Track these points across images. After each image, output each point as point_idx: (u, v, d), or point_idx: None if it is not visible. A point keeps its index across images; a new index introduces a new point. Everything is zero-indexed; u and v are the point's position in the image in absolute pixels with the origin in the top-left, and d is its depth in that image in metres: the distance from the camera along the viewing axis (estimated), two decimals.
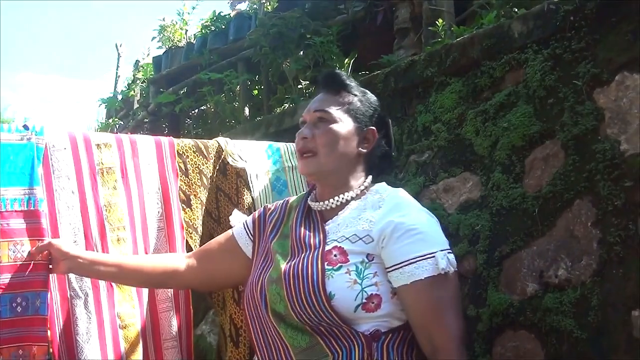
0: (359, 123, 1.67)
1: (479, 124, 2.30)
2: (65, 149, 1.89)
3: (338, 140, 1.63)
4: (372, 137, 1.70)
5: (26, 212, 1.76)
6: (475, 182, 2.28)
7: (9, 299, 1.71)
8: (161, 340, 2.06)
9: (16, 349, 1.70)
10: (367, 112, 1.70)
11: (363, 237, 1.54)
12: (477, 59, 2.39)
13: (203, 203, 2.17)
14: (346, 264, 1.50)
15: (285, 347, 1.52)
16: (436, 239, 1.53)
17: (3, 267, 1.71)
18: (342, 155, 1.64)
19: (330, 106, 1.66)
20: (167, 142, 2.12)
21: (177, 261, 1.89)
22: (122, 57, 10.00)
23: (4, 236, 1.73)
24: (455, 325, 1.49)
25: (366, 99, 1.73)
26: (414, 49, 3.52)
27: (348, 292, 1.46)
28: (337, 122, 1.65)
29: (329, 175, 1.66)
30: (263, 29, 4.16)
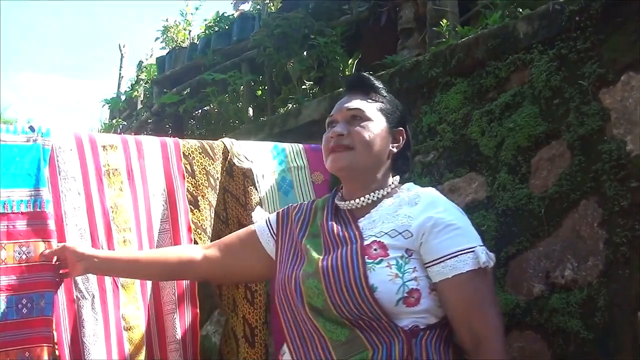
0: (390, 123, 1.71)
1: (485, 124, 2.30)
2: (71, 150, 1.89)
3: (375, 138, 1.66)
4: (401, 138, 1.74)
5: (32, 213, 1.76)
6: (481, 183, 2.28)
7: (15, 301, 1.71)
8: (166, 343, 2.06)
9: (22, 351, 1.70)
10: (395, 113, 1.74)
11: (402, 232, 1.55)
12: (482, 59, 2.38)
13: (211, 204, 2.17)
14: (386, 258, 1.52)
15: (323, 340, 1.52)
16: (473, 234, 1.57)
17: (9, 268, 1.72)
18: (377, 153, 1.67)
19: (363, 106, 1.69)
20: (172, 143, 2.12)
21: (193, 252, 1.89)
22: (125, 58, 10.04)
23: (10, 238, 1.73)
24: (497, 318, 1.53)
25: (393, 101, 1.78)
26: (418, 50, 3.51)
27: (390, 285, 1.48)
28: (372, 120, 1.68)
29: (362, 172, 1.68)
30: (267, 29, 4.16)
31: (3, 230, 1.72)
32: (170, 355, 2.03)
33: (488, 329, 1.50)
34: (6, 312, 1.69)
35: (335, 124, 1.72)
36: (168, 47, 6.46)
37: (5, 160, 1.76)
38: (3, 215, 1.73)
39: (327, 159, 1.71)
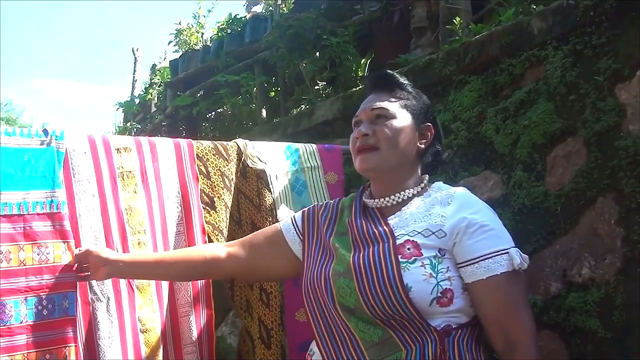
0: (416, 119, 1.69)
1: (499, 122, 2.28)
2: (85, 153, 1.89)
3: (399, 135, 1.64)
4: (429, 134, 1.71)
5: (49, 214, 1.77)
6: (497, 181, 2.26)
7: (35, 302, 1.70)
8: (181, 345, 2.05)
9: (43, 354, 1.69)
10: (422, 109, 1.72)
11: (436, 232, 1.53)
12: (496, 57, 2.37)
13: (227, 205, 2.17)
14: (420, 258, 1.50)
15: (355, 341, 1.51)
16: (507, 236, 1.55)
17: (29, 269, 1.71)
18: (404, 151, 1.65)
19: (389, 104, 1.67)
20: (186, 144, 2.12)
21: (217, 250, 1.88)
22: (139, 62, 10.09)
23: (28, 239, 1.73)
24: (530, 320, 1.51)
25: (419, 96, 1.75)
26: (431, 48, 3.49)
27: (424, 285, 1.46)
28: (397, 118, 1.65)
29: (390, 170, 1.66)
30: (279, 30, 4.16)
31: (20, 231, 1.72)
32: (186, 357, 2.03)
33: (522, 332, 1.49)
34: (26, 314, 1.69)
35: (360, 124, 1.71)
36: (181, 50, 6.48)
37: (20, 163, 1.76)
38: (19, 217, 1.73)
39: (355, 160, 1.71)
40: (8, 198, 1.73)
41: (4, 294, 1.67)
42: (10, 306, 1.68)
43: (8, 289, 1.68)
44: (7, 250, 1.70)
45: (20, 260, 1.71)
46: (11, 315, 1.67)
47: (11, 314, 1.67)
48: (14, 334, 1.66)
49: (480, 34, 2.54)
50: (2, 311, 1.66)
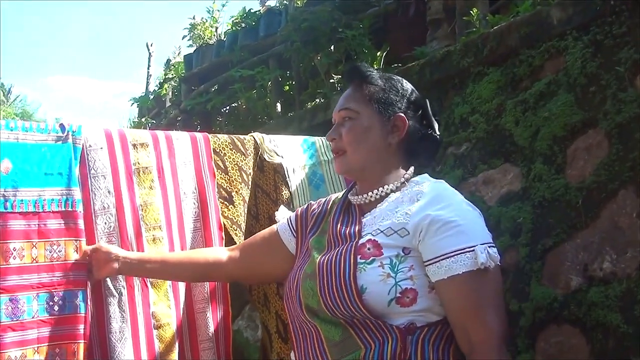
0: (384, 113, 1.60)
1: (519, 114, 2.25)
2: (101, 148, 1.89)
3: (362, 135, 1.59)
4: (401, 124, 1.60)
5: (64, 212, 1.77)
6: (516, 174, 2.23)
7: (46, 298, 1.72)
8: (198, 341, 2.05)
9: (53, 348, 1.70)
10: (393, 99, 1.62)
11: (398, 230, 1.48)
12: (515, 48, 2.34)
13: (245, 200, 2.16)
14: (379, 257, 1.45)
15: (320, 340, 1.50)
16: (476, 232, 1.45)
17: (41, 266, 1.72)
18: (370, 150, 1.59)
19: (352, 102, 1.62)
20: (202, 139, 2.11)
21: (219, 253, 1.90)
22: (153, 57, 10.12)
23: (41, 236, 1.73)
24: (495, 322, 1.42)
25: (391, 86, 1.64)
26: (448, 40, 3.45)
27: (381, 286, 1.42)
28: (360, 117, 1.60)
29: (362, 171, 1.62)
30: (294, 24, 4.13)
31: (34, 228, 1.73)
32: (203, 354, 2.03)
33: (483, 335, 1.41)
34: (37, 310, 1.70)
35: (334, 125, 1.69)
36: (195, 45, 6.47)
37: (36, 160, 1.76)
38: (34, 214, 1.73)
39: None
40: (24, 195, 1.73)
41: (17, 290, 1.68)
42: (23, 301, 1.69)
43: (21, 285, 1.69)
44: (21, 247, 1.71)
45: (33, 257, 1.72)
46: (24, 310, 1.69)
47: (24, 309, 1.69)
48: (25, 328, 1.68)
49: (498, 25, 2.51)
50: (16, 306, 1.68)
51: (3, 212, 1.70)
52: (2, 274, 1.67)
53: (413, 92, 1.66)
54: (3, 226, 1.69)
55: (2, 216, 1.69)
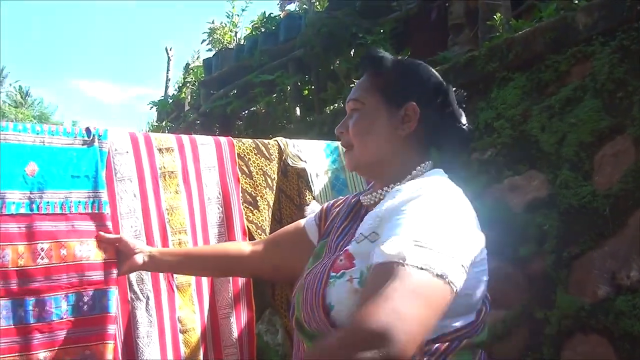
0: (393, 102, 1.39)
1: (545, 119, 2.23)
2: (127, 152, 1.89)
3: (367, 128, 1.40)
4: (412, 114, 1.37)
5: (91, 214, 1.77)
6: (542, 181, 2.21)
7: (75, 299, 1.70)
8: (222, 346, 2.04)
9: (82, 349, 1.69)
10: (403, 87, 1.40)
11: (369, 235, 1.26)
12: (540, 53, 2.32)
13: (269, 205, 2.16)
14: (349, 270, 1.23)
15: (303, 353, 1.34)
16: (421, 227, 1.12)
17: (70, 266, 1.71)
18: (378, 143, 1.39)
19: (359, 91, 1.44)
20: (227, 143, 2.11)
21: (242, 247, 1.80)
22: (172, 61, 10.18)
23: (70, 236, 1.73)
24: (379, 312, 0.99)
25: (403, 72, 1.43)
26: (469, 45, 3.44)
27: (348, 304, 1.19)
28: (366, 108, 1.41)
29: (371, 167, 1.43)
30: (313, 29, 4.13)
31: (62, 229, 1.72)
32: (226, 359, 2.02)
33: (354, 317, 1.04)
34: (66, 310, 1.69)
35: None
36: (214, 49, 6.49)
37: (63, 162, 1.76)
38: (61, 216, 1.73)
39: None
40: (50, 197, 1.73)
41: (45, 291, 1.67)
42: (51, 303, 1.68)
43: (49, 286, 1.68)
44: (49, 247, 1.70)
45: (62, 257, 1.71)
46: (51, 312, 1.68)
47: (51, 311, 1.68)
48: (54, 329, 1.67)
49: (521, 30, 2.49)
50: (43, 308, 1.67)
51: (30, 214, 1.69)
52: (29, 275, 1.66)
53: (431, 78, 1.42)
54: (30, 227, 1.69)
55: (29, 218, 1.69)
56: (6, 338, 1.63)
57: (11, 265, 1.66)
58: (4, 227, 1.68)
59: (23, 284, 1.66)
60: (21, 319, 1.65)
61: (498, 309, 2.19)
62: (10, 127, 1.74)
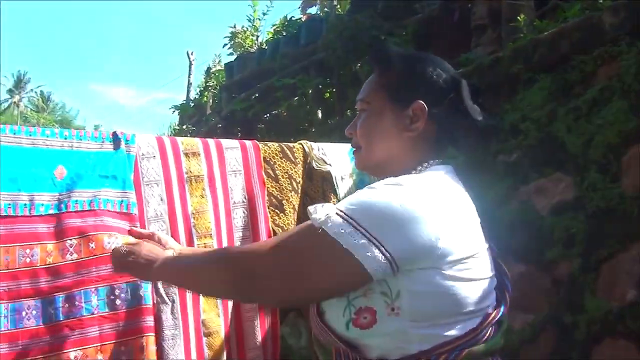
0: (401, 101, 1.32)
1: (571, 121, 2.21)
2: (154, 157, 1.90)
3: (373, 128, 1.34)
4: (420, 113, 1.30)
5: (120, 214, 1.77)
6: (569, 183, 2.18)
7: (106, 292, 1.68)
8: (245, 349, 2.04)
9: (118, 346, 1.68)
10: (411, 84, 1.33)
11: None
12: (566, 54, 2.29)
13: (295, 208, 2.16)
14: None
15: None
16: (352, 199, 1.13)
17: (99, 258, 1.69)
18: (385, 144, 1.33)
19: (366, 91, 1.38)
20: (252, 147, 2.12)
21: None
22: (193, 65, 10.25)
23: (98, 230, 1.71)
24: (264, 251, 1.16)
25: (409, 68, 1.35)
26: (493, 46, 3.41)
27: (335, 307, 1.16)
28: (372, 108, 1.35)
29: (379, 167, 1.36)
30: (335, 32, 4.13)
31: (91, 224, 1.71)
32: None
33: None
34: (97, 305, 1.67)
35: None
36: (236, 53, 6.52)
37: (91, 165, 1.77)
38: (90, 212, 1.72)
39: None
40: (79, 195, 1.73)
41: (74, 286, 1.66)
42: (81, 297, 1.66)
43: (78, 280, 1.66)
44: (78, 243, 1.69)
45: (90, 250, 1.69)
46: (81, 306, 1.66)
47: (81, 305, 1.66)
48: (84, 325, 1.65)
49: (546, 31, 2.47)
50: (73, 303, 1.65)
51: (58, 213, 1.70)
52: (58, 273, 1.65)
53: (441, 74, 1.34)
54: (58, 226, 1.69)
55: (58, 217, 1.69)
56: (37, 338, 1.62)
57: (40, 263, 1.65)
58: (33, 228, 1.69)
59: (52, 282, 1.65)
60: (51, 317, 1.63)
61: (526, 313, 2.17)
62: (39, 133, 1.76)
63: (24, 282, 1.64)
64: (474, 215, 1.21)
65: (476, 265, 1.14)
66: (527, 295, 2.16)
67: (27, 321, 1.64)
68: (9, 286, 1.63)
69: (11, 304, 1.63)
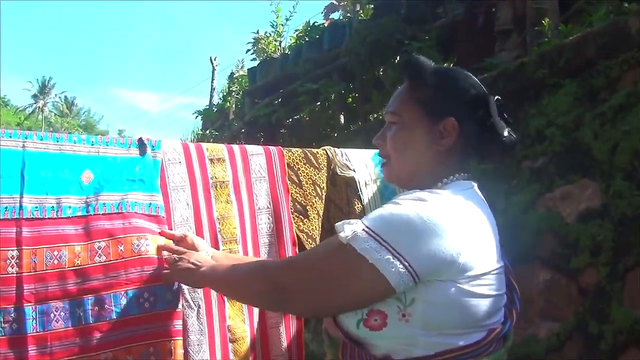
0: (432, 116, 1.34)
1: (597, 127, 2.18)
2: (180, 162, 1.92)
3: (405, 142, 1.36)
4: (452, 129, 1.33)
5: (147, 216, 1.77)
6: (595, 190, 2.16)
7: (136, 295, 1.67)
8: (270, 356, 2.03)
9: (146, 347, 1.67)
10: (443, 100, 1.35)
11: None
12: (592, 59, 2.27)
13: (319, 214, 2.15)
14: None
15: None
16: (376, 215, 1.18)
17: (127, 261, 1.68)
18: (415, 158, 1.35)
19: (397, 103, 1.38)
20: (276, 153, 2.12)
21: None
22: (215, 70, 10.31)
23: (127, 232, 1.70)
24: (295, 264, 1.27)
25: (443, 83, 1.37)
26: (517, 51, 3.39)
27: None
28: (404, 121, 1.36)
29: (408, 180, 1.40)
30: (359, 36, 4.13)
31: (119, 226, 1.70)
32: None
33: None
34: (127, 308, 1.66)
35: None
36: (259, 59, 6.54)
37: (118, 169, 1.78)
38: (118, 215, 1.72)
39: None
40: (106, 199, 1.73)
41: (104, 289, 1.65)
42: (110, 300, 1.66)
43: (107, 283, 1.66)
44: (106, 245, 1.68)
45: (119, 253, 1.68)
46: (111, 309, 1.65)
47: (111, 309, 1.65)
48: (114, 328, 1.65)
49: (571, 35, 2.45)
50: (102, 306, 1.64)
51: (85, 215, 1.69)
52: (86, 274, 1.65)
53: (471, 89, 1.37)
54: (86, 228, 1.68)
55: (85, 219, 1.69)
56: (65, 340, 1.61)
57: (68, 265, 1.64)
58: (60, 229, 1.68)
59: (81, 284, 1.64)
60: (80, 320, 1.63)
61: (551, 322, 2.15)
62: (65, 139, 1.77)
63: (52, 284, 1.64)
64: (494, 232, 1.23)
65: (491, 281, 1.17)
66: (552, 304, 2.14)
67: (56, 323, 1.64)
68: (37, 288, 1.62)
69: (39, 306, 1.63)
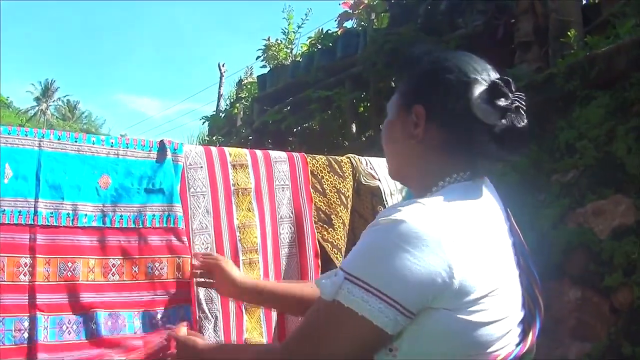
0: (406, 105, 1.21)
1: (631, 140, 2.11)
2: (201, 167, 1.85)
3: (388, 137, 1.24)
4: (420, 117, 1.17)
5: (166, 229, 1.73)
6: (629, 205, 2.08)
7: (149, 317, 1.66)
8: None
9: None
10: (416, 86, 1.20)
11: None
12: (624, 71, 2.20)
13: (345, 223, 2.08)
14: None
15: None
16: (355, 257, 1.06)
17: (140, 284, 1.68)
18: (396, 152, 1.24)
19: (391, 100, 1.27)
20: (300, 159, 2.05)
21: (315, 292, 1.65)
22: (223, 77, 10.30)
23: (142, 253, 1.69)
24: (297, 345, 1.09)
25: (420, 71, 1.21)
26: (539, 63, 3.32)
27: None
28: (388, 116, 1.25)
29: (400, 178, 1.30)
30: (375, 45, 4.08)
31: (134, 244, 1.69)
32: None
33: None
34: (140, 327, 1.66)
35: None
36: (269, 66, 6.49)
37: (137, 175, 1.73)
38: (134, 230, 1.69)
39: None
40: (124, 210, 1.69)
41: (116, 306, 1.64)
42: (124, 317, 1.65)
43: (120, 302, 1.65)
44: (120, 264, 1.66)
45: (133, 275, 1.67)
46: (124, 325, 1.64)
47: (124, 324, 1.65)
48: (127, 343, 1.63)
49: (598, 47, 2.38)
50: (115, 321, 1.64)
51: (102, 227, 1.66)
52: (99, 290, 1.63)
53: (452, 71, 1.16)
54: (102, 241, 1.65)
55: (101, 231, 1.66)
56: (76, 352, 1.59)
57: (82, 278, 1.63)
58: (76, 240, 1.66)
59: (94, 299, 1.63)
60: (92, 333, 1.61)
61: (583, 342, 2.07)
62: (84, 139, 1.71)
63: (64, 295, 1.62)
64: (501, 239, 1.10)
65: (493, 305, 1.03)
66: (584, 323, 2.06)
67: (68, 335, 1.61)
68: (50, 298, 1.61)
69: (51, 317, 1.60)
